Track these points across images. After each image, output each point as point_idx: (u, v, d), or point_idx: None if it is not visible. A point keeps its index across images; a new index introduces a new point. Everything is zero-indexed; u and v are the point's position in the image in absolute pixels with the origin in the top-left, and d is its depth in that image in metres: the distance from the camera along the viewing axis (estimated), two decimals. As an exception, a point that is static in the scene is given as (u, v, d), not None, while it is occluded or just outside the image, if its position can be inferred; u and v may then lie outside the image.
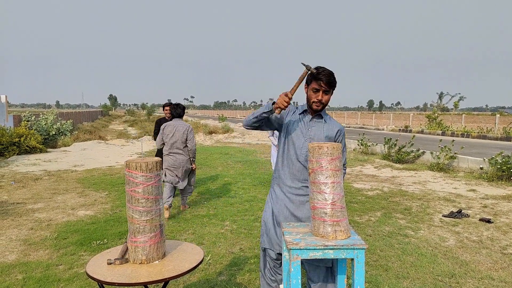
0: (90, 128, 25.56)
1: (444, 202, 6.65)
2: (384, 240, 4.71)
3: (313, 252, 2.14)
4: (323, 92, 2.53)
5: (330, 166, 2.25)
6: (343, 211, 2.29)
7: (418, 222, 5.46)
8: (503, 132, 21.08)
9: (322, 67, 2.54)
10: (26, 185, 7.90)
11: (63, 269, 3.84)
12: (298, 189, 2.70)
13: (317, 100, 2.55)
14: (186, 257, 2.39)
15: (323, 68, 2.53)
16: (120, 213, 5.83)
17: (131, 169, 2.25)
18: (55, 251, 4.32)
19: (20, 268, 3.87)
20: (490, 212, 5.99)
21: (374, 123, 35.02)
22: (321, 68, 2.53)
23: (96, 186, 7.84)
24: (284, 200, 2.72)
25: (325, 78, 2.49)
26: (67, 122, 18.40)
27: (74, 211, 5.99)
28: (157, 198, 2.32)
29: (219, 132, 23.19)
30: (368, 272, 3.77)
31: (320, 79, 2.49)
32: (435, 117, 27.06)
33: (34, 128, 15.39)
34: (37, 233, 4.94)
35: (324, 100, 2.57)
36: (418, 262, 4.04)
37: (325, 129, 2.66)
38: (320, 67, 2.54)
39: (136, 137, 21.63)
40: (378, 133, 25.46)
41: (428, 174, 9.49)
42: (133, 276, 2.11)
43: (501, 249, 4.44)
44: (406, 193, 7.34)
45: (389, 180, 8.73)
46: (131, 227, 2.31)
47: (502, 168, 8.43)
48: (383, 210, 6.08)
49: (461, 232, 5.05)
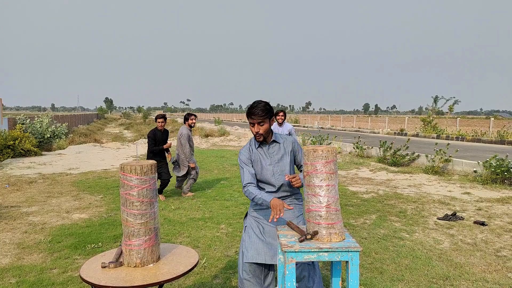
0: (85, 131, 25.47)
1: (439, 205, 6.68)
2: (379, 242, 4.73)
3: (308, 254, 2.15)
4: (258, 124, 2.71)
5: (324, 169, 2.27)
6: (338, 214, 2.30)
7: (413, 225, 5.48)
8: (497, 135, 21.24)
9: (253, 103, 2.76)
10: (20, 188, 7.85)
11: (57, 273, 3.81)
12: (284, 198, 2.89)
13: (255, 133, 2.75)
14: (181, 260, 2.38)
15: (251, 104, 2.75)
16: (115, 217, 5.80)
17: (126, 172, 2.25)
18: (49, 254, 4.30)
19: (14, 271, 3.84)
20: (484, 215, 6.03)
21: (370, 126, 35.14)
22: (250, 105, 2.76)
23: (91, 189, 7.81)
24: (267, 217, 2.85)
25: (252, 113, 2.69)
26: (62, 125, 18.33)
27: (69, 214, 5.96)
28: (151, 201, 2.31)
29: (215, 135, 23.17)
30: (363, 275, 3.77)
31: (249, 115, 2.71)
32: (430, 120, 27.21)
33: (29, 131, 15.31)
34: (31, 236, 4.91)
35: (262, 131, 2.73)
36: (413, 264, 4.06)
37: (284, 148, 2.84)
38: (251, 104, 2.76)
39: (132, 140, 21.57)
40: (374, 136, 25.56)
41: (423, 177, 9.54)
42: (128, 279, 2.10)
43: (495, 251, 4.47)
44: (401, 196, 7.36)
45: (384, 183, 8.76)
46: (125, 230, 2.30)
47: (496, 171, 8.49)
48: (378, 213, 6.09)
49: (455, 234, 5.08)
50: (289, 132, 7.20)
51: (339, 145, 15.36)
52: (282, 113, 7.21)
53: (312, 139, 15.75)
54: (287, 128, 7.20)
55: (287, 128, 7.20)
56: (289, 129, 7.20)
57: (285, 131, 7.20)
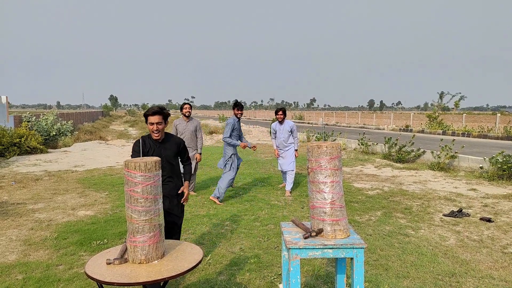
0: (90, 129, 25.57)
1: (445, 201, 6.64)
2: (384, 239, 4.71)
3: (312, 251, 2.14)
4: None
5: (329, 166, 2.25)
6: (343, 210, 2.29)
7: (418, 222, 5.45)
8: (504, 131, 21.05)
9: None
10: (26, 186, 7.90)
11: (63, 269, 3.84)
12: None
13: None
14: (185, 256, 2.39)
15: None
16: (120, 213, 5.83)
17: (130, 169, 2.25)
18: (55, 251, 4.33)
19: (20, 268, 3.87)
20: (490, 211, 5.98)
21: (375, 122, 34.99)
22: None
23: (96, 186, 7.85)
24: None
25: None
26: (67, 123, 18.42)
27: (74, 211, 6.00)
28: (156, 197, 2.32)
29: (220, 132, 23.18)
30: (368, 272, 3.76)
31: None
32: (435, 116, 27.04)
33: (34, 128, 15.40)
34: (37, 233, 4.95)
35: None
36: (418, 261, 4.04)
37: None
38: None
39: (137, 137, 21.65)
40: (379, 132, 25.45)
41: (429, 173, 9.48)
42: (132, 276, 2.11)
43: (501, 248, 4.43)
44: (407, 192, 7.33)
45: (389, 179, 8.72)
46: (130, 227, 2.30)
47: (502, 168, 8.42)
48: (383, 210, 6.07)
49: (461, 231, 5.05)
50: (290, 129, 7.19)
51: (344, 141, 15.30)
52: (281, 112, 7.21)
53: (316, 136, 15.71)
54: (289, 125, 7.20)
55: (289, 125, 7.20)
56: (291, 126, 7.19)
57: (287, 128, 7.19)
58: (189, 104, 6.99)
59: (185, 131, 6.85)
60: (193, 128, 6.94)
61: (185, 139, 6.78)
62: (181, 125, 6.89)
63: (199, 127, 7.05)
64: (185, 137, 6.80)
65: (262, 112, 68.11)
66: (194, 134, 6.94)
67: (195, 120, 7.06)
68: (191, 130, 6.90)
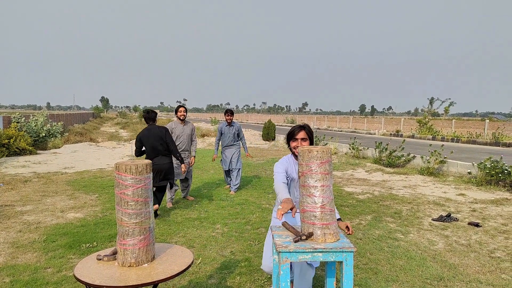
0: (81, 130, 25.33)
1: (434, 206, 6.72)
2: (374, 243, 4.74)
3: (302, 255, 2.15)
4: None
5: (319, 170, 2.27)
6: (332, 214, 2.31)
7: (408, 226, 5.50)
8: (492, 137, 21.37)
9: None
10: (15, 187, 7.80)
11: (51, 272, 3.80)
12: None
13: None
14: (175, 260, 2.38)
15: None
16: (110, 216, 5.78)
17: (121, 171, 2.25)
18: (43, 254, 4.28)
19: (8, 271, 3.82)
20: (478, 216, 6.07)
21: (366, 127, 35.24)
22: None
23: (86, 189, 7.78)
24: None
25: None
26: (57, 124, 18.23)
27: (64, 213, 5.94)
28: (146, 200, 2.31)
29: (212, 135, 23.15)
30: (358, 275, 3.79)
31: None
32: (425, 122, 27.32)
33: (24, 129, 15.22)
34: (26, 235, 4.88)
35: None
36: (407, 265, 4.08)
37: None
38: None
39: (128, 139, 21.50)
40: (370, 137, 25.64)
41: (418, 178, 9.58)
42: (122, 279, 2.10)
43: (489, 252, 4.50)
44: (397, 197, 7.39)
45: (380, 184, 8.79)
46: (120, 230, 2.30)
47: (490, 173, 8.54)
48: (373, 214, 6.12)
49: (450, 235, 5.10)
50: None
51: (335, 145, 15.39)
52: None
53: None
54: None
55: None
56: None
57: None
58: (184, 107, 6.79)
59: (182, 134, 6.67)
60: (189, 131, 6.77)
61: (183, 143, 6.66)
62: (177, 128, 6.67)
63: (194, 130, 6.92)
64: (183, 141, 6.66)
65: (255, 116, 68.29)
66: (190, 137, 6.79)
67: (190, 123, 6.93)
68: (188, 134, 6.72)
